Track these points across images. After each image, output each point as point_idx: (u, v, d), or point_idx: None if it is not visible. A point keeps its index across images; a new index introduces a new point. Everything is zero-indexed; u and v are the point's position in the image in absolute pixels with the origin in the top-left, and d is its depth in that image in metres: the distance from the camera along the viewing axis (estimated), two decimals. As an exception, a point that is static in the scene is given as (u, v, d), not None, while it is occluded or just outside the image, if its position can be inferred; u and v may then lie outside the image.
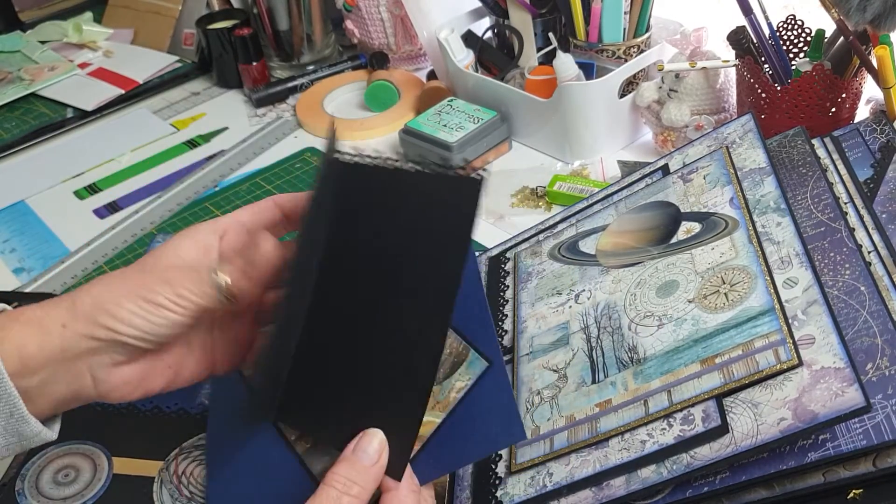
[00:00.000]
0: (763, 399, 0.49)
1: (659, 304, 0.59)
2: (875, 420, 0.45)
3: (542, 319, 0.65)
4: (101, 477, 0.60)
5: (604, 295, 0.63)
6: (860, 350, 0.49)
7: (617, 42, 0.95)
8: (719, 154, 0.66)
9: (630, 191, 0.71)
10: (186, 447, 0.61)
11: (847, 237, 0.55)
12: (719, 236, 0.60)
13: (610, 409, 0.55)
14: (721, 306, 0.55)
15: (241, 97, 1.19)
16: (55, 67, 1.28)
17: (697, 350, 0.54)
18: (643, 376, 0.55)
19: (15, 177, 1.07)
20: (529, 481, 0.55)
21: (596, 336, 0.60)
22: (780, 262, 0.55)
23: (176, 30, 1.30)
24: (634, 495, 0.50)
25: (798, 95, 0.78)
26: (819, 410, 0.46)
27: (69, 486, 0.59)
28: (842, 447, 0.45)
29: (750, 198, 0.61)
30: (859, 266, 0.53)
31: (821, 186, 0.59)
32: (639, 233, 0.66)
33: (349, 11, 1.17)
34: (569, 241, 0.70)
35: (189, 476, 0.59)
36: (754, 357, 0.51)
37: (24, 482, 0.59)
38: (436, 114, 0.97)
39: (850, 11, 0.67)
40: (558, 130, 0.93)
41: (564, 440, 0.55)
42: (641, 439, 0.52)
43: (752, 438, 0.47)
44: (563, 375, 0.60)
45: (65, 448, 0.62)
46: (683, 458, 0.49)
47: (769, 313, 0.53)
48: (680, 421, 0.51)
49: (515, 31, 1.01)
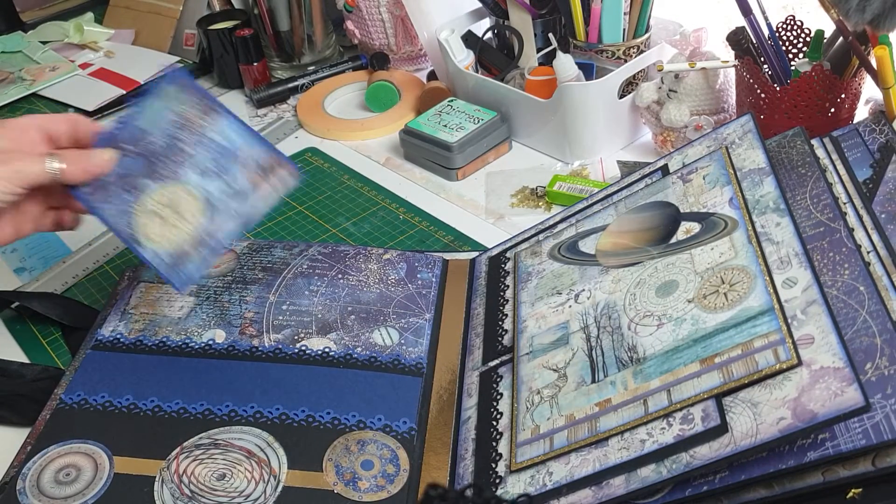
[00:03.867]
0: (762, 398, 0.49)
1: (658, 303, 0.59)
2: (874, 420, 0.45)
3: (541, 319, 0.65)
4: (102, 476, 0.60)
5: (603, 295, 0.63)
6: (859, 350, 0.49)
7: (617, 42, 0.95)
8: (719, 154, 0.66)
9: (630, 191, 0.71)
10: (187, 446, 0.61)
11: (846, 237, 0.55)
12: (719, 236, 0.60)
13: (609, 408, 0.55)
14: (720, 306, 0.56)
15: (242, 97, 1.19)
16: (56, 68, 1.28)
17: (697, 350, 0.54)
18: (643, 376, 0.55)
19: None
20: (529, 480, 0.55)
21: (596, 335, 0.61)
22: (780, 262, 0.55)
23: (177, 30, 1.30)
24: (634, 494, 0.50)
25: (797, 96, 0.78)
26: (818, 410, 0.46)
27: (70, 486, 0.59)
28: (841, 447, 0.45)
29: (749, 198, 0.61)
30: (858, 266, 0.53)
31: (820, 187, 0.60)
32: (638, 233, 0.66)
33: (350, 12, 1.17)
34: (569, 241, 0.71)
35: (190, 475, 0.59)
36: (754, 357, 0.51)
37: (25, 481, 0.59)
38: (436, 114, 0.98)
39: (850, 12, 0.67)
40: (558, 131, 0.93)
41: (564, 439, 0.55)
42: (641, 438, 0.52)
43: (752, 438, 0.47)
44: (563, 375, 0.60)
45: (66, 447, 0.62)
46: (683, 457, 0.49)
47: (768, 313, 0.53)
48: (679, 420, 0.51)
49: (515, 32, 1.01)
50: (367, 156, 1.02)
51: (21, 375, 0.72)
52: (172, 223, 0.66)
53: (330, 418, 0.63)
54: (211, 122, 0.69)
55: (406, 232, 0.88)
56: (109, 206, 0.68)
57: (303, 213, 0.92)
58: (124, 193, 0.67)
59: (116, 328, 0.71)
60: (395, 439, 0.61)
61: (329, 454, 0.60)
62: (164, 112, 0.69)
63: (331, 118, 1.09)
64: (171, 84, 0.70)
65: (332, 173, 0.99)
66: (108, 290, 0.83)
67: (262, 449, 0.61)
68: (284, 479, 0.59)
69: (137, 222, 0.67)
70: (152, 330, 0.71)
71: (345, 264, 0.77)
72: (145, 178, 0.68)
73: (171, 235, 0.67)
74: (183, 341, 0.70)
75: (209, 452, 0.61)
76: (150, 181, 0.68)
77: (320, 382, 0.66)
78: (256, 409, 0.64)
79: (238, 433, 0.62)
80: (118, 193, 0.68)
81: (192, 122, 0.69)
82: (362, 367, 0.67)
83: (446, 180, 0.95)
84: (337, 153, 1.03)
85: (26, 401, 0.68)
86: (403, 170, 0.99)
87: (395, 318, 0.72)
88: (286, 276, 0.75)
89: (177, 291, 0.70)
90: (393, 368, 0.67)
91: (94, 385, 0.66)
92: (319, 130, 1.08)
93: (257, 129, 1.10)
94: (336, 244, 0.81)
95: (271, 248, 0.79)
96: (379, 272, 0.76)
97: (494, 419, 0.61)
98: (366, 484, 0.58)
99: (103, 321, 0.73)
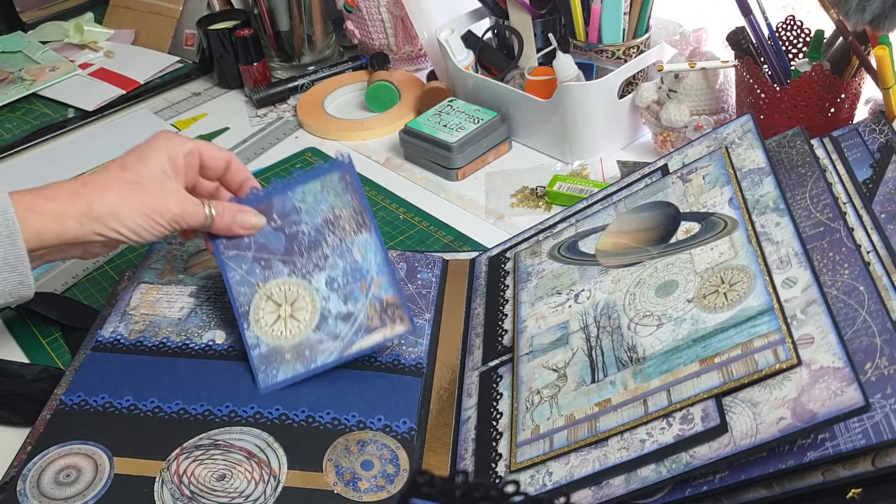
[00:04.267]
0: (762, 398, 0.49)
1: (658, 303, 0.59)
2: (874, 419, 0.45)
3: (541, 319, 0.65)
4: (103, 477, 0.60)
5: (603, 294, 0.63)
6: (859, 350, 0.49)
7: (616, 42, 0.95)
8: (718, 154, 0.66)
9: (629, 191, 0.71)
10: (187, 447, 0.61)
11: (846, 237, 0.55)
12: (718, 236, 0.60)
13: (609, 408, 0.55)
14: (720, 306, 0.56)
15: (242, 97, 1.19)
16: (56, 68, 1.28)
17: (697, 349, 0.54)
18: (642, 375, 0.55)
19: (16, 177, 1.07)
20: (529, 480, 0.55)
21: (595, 335, 0.61)
22: (779, 262, 0.55)
23: (177, 30, 1.30)
24: (634, 494, 0.50)
25: (797, 96, 0.78)
26: (818, 410, 0.46)
27: (70, 487, 0.59)
28: (841, 447, 0.45)
29: (749, 198, 0.61)
30: (858, 266, 0.53)
31: (820, 186, 0.60)
32: (638, 233, 0.66)
33: (350, 12, 1.17)
34: (568, 241, 0.71)
35: (190, 476, 0.59)
36: (753, 356, 0.51)
37: (25, 482, 0.59)
38: (436, 114, 0.98)
39: (850, 12, 0.67)
40: (558, 131, 0.93)
41: (564, 439, 0.55)
42: (641, 438, 0.52)
43: (752, 438, 0.47)
44: (563, 375, 0.60)
45: (66, 448, 0.62)
46: (683, 457, 0.49)
47: (768, 313, 0.53)
48: (679, 420, 0.51)
49: (515, 32, 1.01)
50: (367, 156, 1.02)
51: (21, 375, 0.72)
52: (285, 319, 0.64)
53: (330, 419, 0.63)
54: (358, 236, 0.67)
55: (406, 232, 0.88)
56: (238, 271, 0.66)
57: (303, 213, 0.93)
58: (256, 265, 0.66)
59: (117, 329, 0.71)
60: (394, 439, 0.61)
61: (329, 454, 0.60)
62: (321, 202, 0.67)
63: (331, 118, 1.09)
64: (335, 172, 0.68)
65: (332, 173, 0.99)
66: (108, 290, 0.83)
67: (262, 449, 0.61)
68: (284, 480, 0.59)
69: (256, 301, 0.66)
70: (152, 331, 0.71)
71: (345, 264, 0.77)
72: (280, 261, 0.66)
73: (279, 330, 0.65)
74: (183, 342, 0.70)
75: (209, 453, 0.61)
76: (284, 267, 0.66)
77: (320, 383, 0.66)
78: (256, 409, 0.64)
79: (238, 433, 0.62)
80: (250, 262, 0.66)
81: (343, 228, 0.66)
82: (362, 367, 0.67)
83: (446, 180, 0.95)
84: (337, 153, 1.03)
85: (26, 401, 0.69)
86: (403, 170, 0.99)
87: (395, 319, 0.71)
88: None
89: (257, 386, 0.65)
90: (393, 368, 0.67)
91: (94, 386, 0.66)
92: (319, 130, 1.08)
93: (257, 130, 1.10)
94: (336, 244, 0.81)
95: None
96: (379, 272, 0.76)
97: (494, 419, 0.61)
98: (366, 484, 0.58)
99: (103, 322, 0.73)
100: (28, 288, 0.62)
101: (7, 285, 0.60)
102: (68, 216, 0.61)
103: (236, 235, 0.68)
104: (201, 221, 0.65)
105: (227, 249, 0.68)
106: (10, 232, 0.59)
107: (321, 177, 0.69)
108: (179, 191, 0.65)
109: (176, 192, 0.64)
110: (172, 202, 0.64)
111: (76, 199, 0.61)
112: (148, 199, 0.63)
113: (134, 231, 0.63)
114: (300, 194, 0.68)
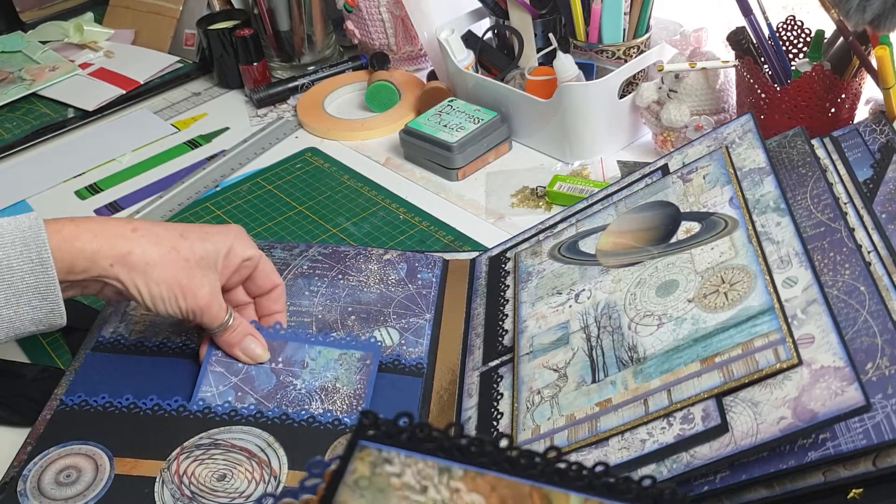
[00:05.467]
0: (763, 398, 0.49)
1: (659, 303, 0.59)
2: (875, 419, 0.45)
3: (542, 319, 0.65)
4: (103, 477, 0.60)
5: (604, 294, 0.63)
6: (860, 349, 0.49)
7: (617, 42, 0.95)
8: (719, 154, 0.66)
9: (630, 191, 0.71)
10: (187, 447, 0.61)
11: (847, 237, 0.55)
12: (719, 236, 0.60)
13: (610, 408, 0.55)
14: (721, 306, 0.56)
15: (242, 97, 1.19)
16: (56, 68, 1.28)
17: (697, 349, 0.54)
18: (643, 375, 0.55)
19: (16, 177, 1.07)
20: (530, 480, 0.55)
21: (596, 335, 0.60)
22: (780, 262, 0.55)
23: (177, 30, 1.30)
24: (634, 494, 0.50)
25: (797, 96, 0.78)
26: (819, 409, 0.46)
27: (71, 487, 0.59)
28: (842, 446, 0.45)
29: (749, 197, 0.61)
30: (859, 266, 0.53)
31: (820, 186, 0.60)
32: (639, 232, 0.66)
33: (350, 12, 1.17)
34: (569, 241, 0.71)
35: (190, 476, 0.59)
36: (754, 356, 0.51)
37: (25, 483, 0.59)
38: (436, 114, 0.98)
39: (850, 12, 0.67)
40: (558, 131, 0.93)
41: (564, 439, 0.55)
42: (641, 438, 0.52)
43: (752, 437, 0.47)
44: (564, 375, 0.60)
45: (66, 448, 0.62)
46: (683, 457, 0.49)
47: (769, 312, 0.53)
48: (680, 420, 0.51)
49: (515, 32, 1.01)
50: (367, 156, 1.02)
51: (21, 375, 0.72)
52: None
53: (330, 419, 0.63)
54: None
55: (406, 232, 0.88)
56: (212, 389, 0.65)
57: (303, 213, 0.92)
58: (231, 392, 0.64)
59: (117, 329, 0.71)
60: (395, 439, 0.61)
61: (329, 454, 0.60)
62: (330, 369, 0.66)
63: (331, 118, 1.09)
64: (360, 351, 0.67)
65: (332, 173, 0.99)
66: (109, 290, 0.83)
67: (263, 449, 0.61)
68: (285, 480, 0.59)
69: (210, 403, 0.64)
70: (153, 331, 0.71)
71: (345, 265, 0.77)
72: (255, 401, 0.64)
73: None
74: (184, 342, 0.70)
75: (209, 453, 0.61)
76: (254, 408, 0.63)
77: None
78: (257, 409, 0.64)
79: (238, 433, 0.62)
80: (229, 387, 0.65)
81: (334, 402, 0.64)
82: (363, 367, 0.67)
83: (446, 180, 0.95)
84: (337, 153, 1.03)
85: (26, 401, 0.68)
86: (403, 170, 0.99)
87: (396, 319, 0.71)
88: (286, 276, 0.75)
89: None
90: (393, 368, 0.67)
91: (94, 386, 0.66)
92: (319, 130, 1.08)
93: (257, 130, 1.10)
94: (336, 245, 0.81)
95: (271, 249, 0.79)
96: (379, 272, 0.76)
97: (495, 419, 0.61)
98: (366, 484, 0.58)
99: (104, 322, 0.73)
100: (60, 316, 0.60)
101: (38, 313, 0.59)
102: (104, 258, 0.60)
103: (234, 357, 0.66)
104: (216, 325, 0.64)
105: (218, 364, 0.66)
106: (41, 260, 0.58)
107: (344, 348, 0.68)
108: (216, 286, 0.63)
109: (212, 286, 0.63)
110: (204, 293, 0.62)
111: (115, 242, 0.60)
112: (184, 277, 0.61)
113: (152, 296, 0.61)
114: (315, 352, 0.67)
